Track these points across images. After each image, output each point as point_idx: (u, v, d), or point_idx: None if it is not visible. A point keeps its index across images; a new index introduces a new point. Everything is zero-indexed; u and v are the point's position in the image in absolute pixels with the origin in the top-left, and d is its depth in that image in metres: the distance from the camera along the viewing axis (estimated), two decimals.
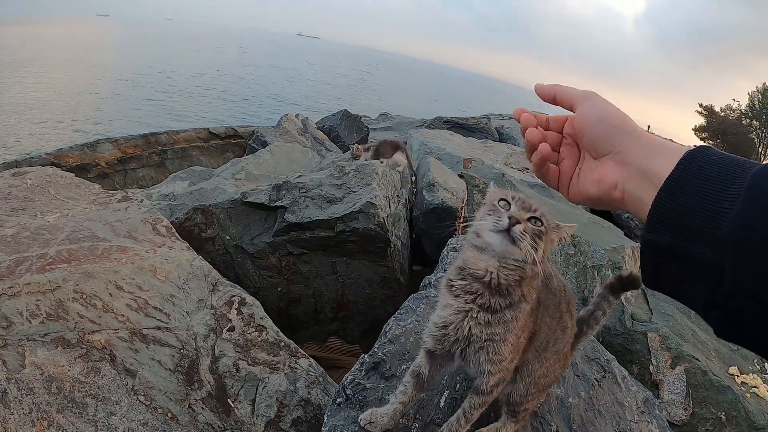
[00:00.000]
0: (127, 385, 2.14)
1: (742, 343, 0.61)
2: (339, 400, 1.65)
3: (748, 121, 79.54)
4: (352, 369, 1.75)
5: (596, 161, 0.85)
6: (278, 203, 3.59)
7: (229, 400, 2.41)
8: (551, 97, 0.94)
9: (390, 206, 3.49)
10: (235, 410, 2.39)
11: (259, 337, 2.67)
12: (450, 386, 1.70)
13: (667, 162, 0.68)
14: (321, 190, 3.52)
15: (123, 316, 2.36)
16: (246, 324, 2.72)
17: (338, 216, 3.26)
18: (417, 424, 1.56)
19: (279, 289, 3.66)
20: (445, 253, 2.52)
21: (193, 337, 2.54)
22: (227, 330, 2.67)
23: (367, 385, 1.67)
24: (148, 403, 2.15)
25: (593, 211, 7.59)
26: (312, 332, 3.73)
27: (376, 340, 1.88)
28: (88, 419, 1.96)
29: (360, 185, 3.47)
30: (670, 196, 0.65)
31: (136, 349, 2.28)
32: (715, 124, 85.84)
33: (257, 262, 3.64)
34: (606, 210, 8.11)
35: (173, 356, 2.39)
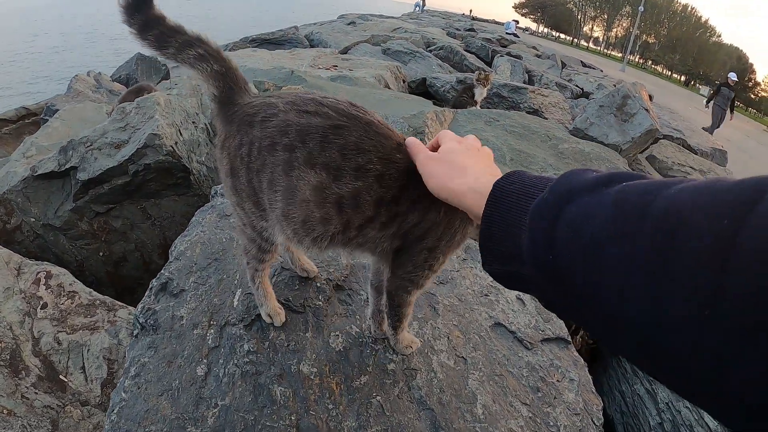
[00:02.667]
0: None
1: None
2: (135, 331, 1.58)
3: None
4: (143, 297, 1.67)
5: None
6: (68, 166, 3.30)
7: (60, 376, 2.32)
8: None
9: (181, 133, 3.30)
10: (69, 383, 2.31)
11: (72, 303, 2.53)
12: (243, 284, 1.66)
13: (479, 208, 0.79)
14: (106, 138, 3.25)
15: None
16: (57, 295, 2.57)
17: (127, 158, 3.04)
18: (212, 330, 1.51)
19: (101, 254, 3.43)
20: None
21: (8, 327, 2.39)
22: (40, 308, 2.52)
23: (157, 308, 1.59)
24: None
25: (411, 91, 7.75)
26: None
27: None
28: None
29: (143, 120, 3.23)
30: (486, 237, 0.76)
31: None
32: None
33: (69, 233, 3.37)
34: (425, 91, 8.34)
35: None
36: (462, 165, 0.93)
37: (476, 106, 6.50)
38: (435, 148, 1.04)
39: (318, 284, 1.70)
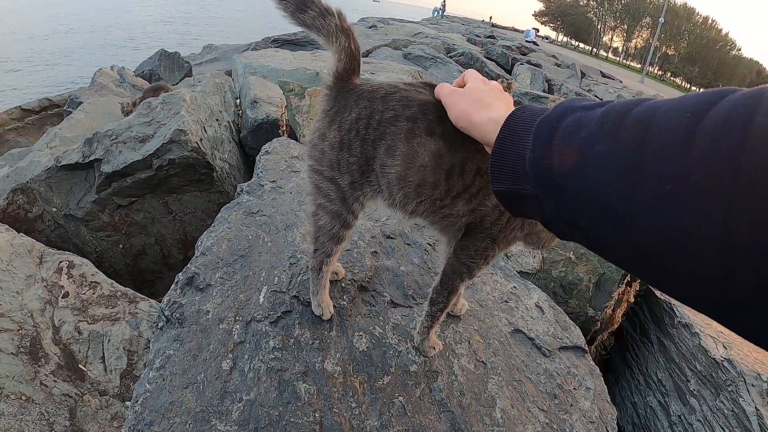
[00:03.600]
0: None
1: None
2: (161, 324, 1.59)
3: (585, 1, 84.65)
4: (169, 291, 1.69)
5: None
6: (92, 157, 3.34)
7: (79, 365, 2.34)
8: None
9: (206, 130, 3.34)
10: (88, 373, 2.32)
11: (94, 294, 2.56)
12: (269, 281, 1.68)
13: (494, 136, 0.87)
14: (131, 132, 3.29)
15: None
16: (79, 285, 2.60)
17: (152, 152, 3.08)
18: (238, 326, 1.53)
19: (121, 246, 3.47)
20: (258, 158, 2.46)
21: (29, 314, 2.41)
22: (62, 297, 2.55)
23: (183, 302, 1.61)
24: None
25: None
26: (168, 280, 3.60)
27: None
28: None
29: (169, 116, 3.27)
30: (497, 157, 0.84)
31: None
32: (553, 7, 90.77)
33: (90, 225, 3.41)
34: None
35: (13, 339, 2.26)
36: (486, 101, 1.02)
37: None
38: (461, 86, 1.14)
39: (343, 285, 1.72)
